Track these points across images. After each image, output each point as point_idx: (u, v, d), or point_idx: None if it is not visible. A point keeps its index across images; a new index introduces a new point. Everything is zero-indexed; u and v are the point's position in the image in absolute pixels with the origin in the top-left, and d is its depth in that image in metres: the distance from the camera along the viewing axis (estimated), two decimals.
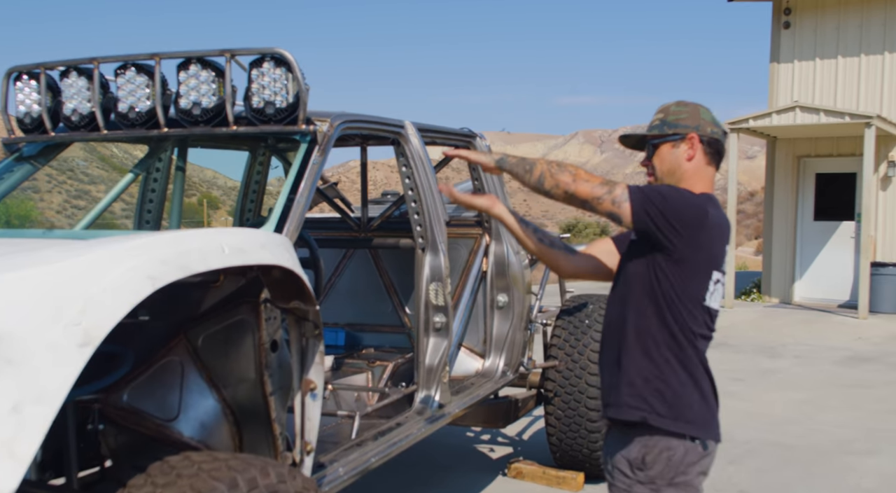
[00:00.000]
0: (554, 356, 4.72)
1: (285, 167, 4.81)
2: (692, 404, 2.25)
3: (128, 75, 3.10)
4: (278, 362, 2.61)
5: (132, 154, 49.73)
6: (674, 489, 2.24)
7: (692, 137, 2.34)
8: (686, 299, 2.24)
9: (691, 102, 2.42)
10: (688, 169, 2.34)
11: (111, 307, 1.69)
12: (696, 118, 2.37)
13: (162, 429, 2.56)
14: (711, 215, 2.24)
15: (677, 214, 2.19)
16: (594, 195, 2.22)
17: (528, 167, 2.34)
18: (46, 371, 1.57)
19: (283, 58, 2.96)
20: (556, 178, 2.26)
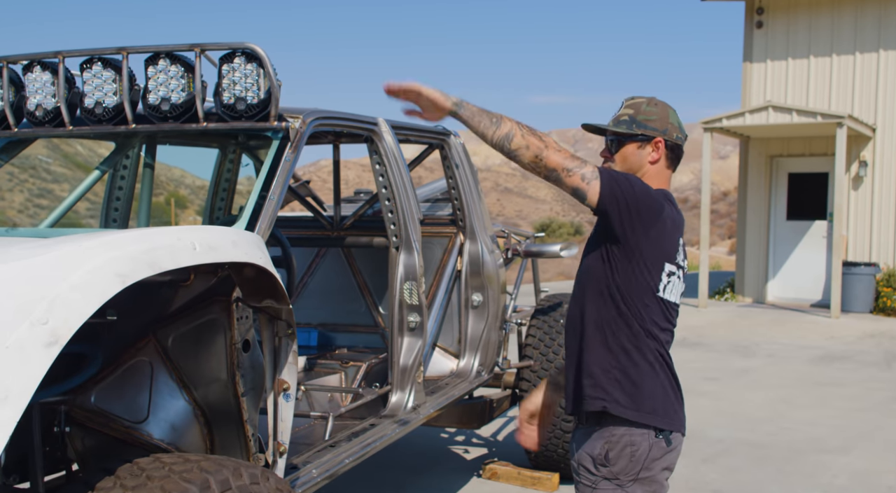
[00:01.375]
0: (529, 356, 4.70)
1: (256, 165, 4.75)
2: (653, 394, 2.25)
3: (94, 70, 3.02)
4: (250, 362, 2.56)
5: (97, 152, 49.13)
6: (638, 485, 2.23)
7: (659, 141, 2.37)
8: (639, 291, 2.25)
9: (661, 103, 2.42)
10: (649, 171, 2.38)
11: (79, 306, 1.64)
12: (665, 122, 2.38)
13: (131, 431, 2.50)
14: (666, 210, 2.27)
15: (638, 203, 2.20)
16: (564, 166, 2.17)
17: (494, 120, 2.20)
18: (11, 371, 1.51)
19: (254, 53, 2.90)
20: (528, 139, 2.16)
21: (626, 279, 2.24)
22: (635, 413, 2.23)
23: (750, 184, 13.05)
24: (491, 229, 4.56)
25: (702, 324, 10.94)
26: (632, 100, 2.43)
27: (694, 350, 9.36)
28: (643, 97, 2.44)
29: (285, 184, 2.88)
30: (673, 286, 2.31)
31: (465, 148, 4.50)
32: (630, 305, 2.25)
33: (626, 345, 2.26)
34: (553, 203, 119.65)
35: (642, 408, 2.23)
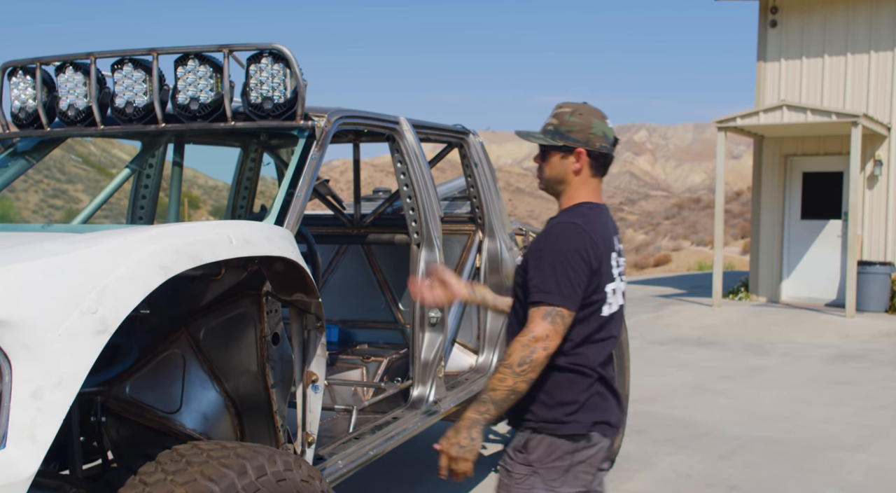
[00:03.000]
0: None
1: (277, 164, 4.83)
2: (574, 404, 2.30)
3: (125, 70, 3.10)
4: (280, 354, 2.63)
5: (110, 153, 49.43)
6: (547, 472, 2.30)
7: (580, 152, 2.37)
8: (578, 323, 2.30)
9: (588, 111, 2.42)
10: (573, 181, 2.40)
11: (126, 296, 1.71)
12: (587, 132, 2.38)
13: (164, 421, 2.57)
14: (589, 247, 2.28)
15: (580, 285, 2.25)
16: (535, 357, 2.17)
17: (502, 405, 2.23)
18: (64, 358, 1.58)
19: (281, 53, 2.98)
20: (515, 384, 2.19)
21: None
22: (549, 426, 2.31)
23: (764, 183, 13.05)
24: (509, 227, 4.62)
25: (716, 323, 10.96)
26: (560, 108, 2.44)
27: (708, 349, 9.38)
28: (571, 104, 2.44)
29: (312, 181, 2.95)
30: (616, 297, 2.38)
31: (484, 147, 4.55)
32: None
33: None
34: None
35: (558, 421, 2.30)
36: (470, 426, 2.22)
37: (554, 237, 2.28)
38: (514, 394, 2.19)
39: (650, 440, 5.66)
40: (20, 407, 1.54)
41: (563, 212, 2.39)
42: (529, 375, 2.18)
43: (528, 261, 2.33)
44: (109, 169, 47.20)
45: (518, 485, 2.31)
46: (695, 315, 11.60)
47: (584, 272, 2.24)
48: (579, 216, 2.33)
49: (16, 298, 1.58)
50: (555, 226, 2.32)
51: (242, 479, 1.84)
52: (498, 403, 2.20)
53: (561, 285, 2.20)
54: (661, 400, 6.83)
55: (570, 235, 2.27)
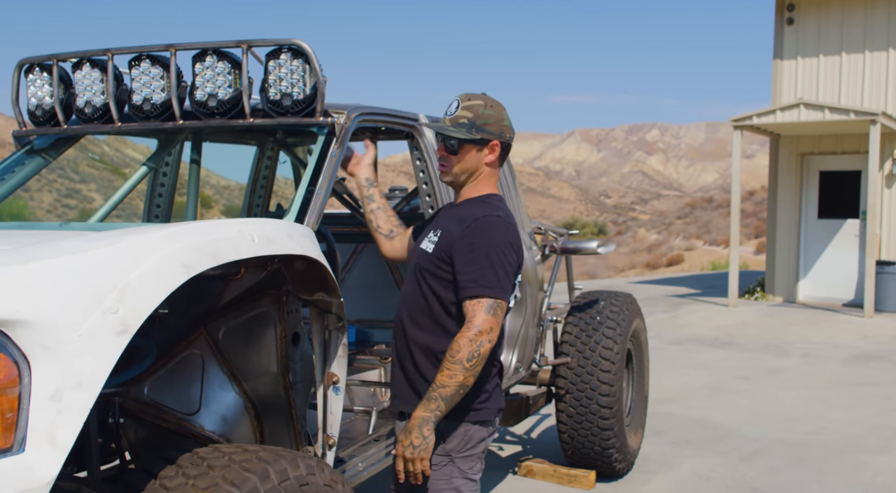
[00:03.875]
0: (565, 353, 4.69)
1: (293, 162, 4.78)
2: (485, 392, 2.44)
3: (142, 67, 3.06)
4: (300, 355, 2.59)
5: (123, 152, 49.62)
6: (463, 461, 2.42)
7: (496, 144, 2.47)
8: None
9: (496, 104, 2.51)
10: (484, 171, 2.50)
11: (147, 295, 1.66)
12: (500, 124, 2.48)
13: (183, 423, 2.53)
14: (516, 239, 2.42)
15: (513, 277, 2.40)
16: (479, 351, 2.27)
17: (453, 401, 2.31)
18: (84, 359, 1.54)
19: (300, 49, 2.93)
20: (465, 379, 2.27)
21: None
22: (471, 413, 2.42)
23: (780, 182, 12.93)
24: (529, 226, 4.56)
25: (732, 323, 10.86)
26: (468, 101, 2.48)
27: (725, 349, 9.29)
28: (478, 97, 2.49)
29: (332, 179, 2.90)
30: (518, 290, 2.61)
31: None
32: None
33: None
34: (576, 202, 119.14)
35: (470, 408, 2.41)
36: (421, 425, 2.27)
37: (483, 231, 2.35)
38: (464, 389, 2.27)
39: (669, 441, 5.59)
40: (39, 410, 1.50)
41: (473, 203, 2.47)
42: (477, 368, 2.26)
43: (450, 254, 2.39)
44: (122, 169, 47.43)
45: (436, 475, 2.38)
46: (711, 315, 11.51)
47: (515, 264, 2.38)
48: (497, 209, 2.44)
49: (35, 297, 1.54)
50: (480, 220, 2.38)
51: (265, 483, 1.80)
52: (448, 399, 2.26)
53: (500, 277, 2.31)
54: (679, 401, 6.75)
55: (500, 228, 2.37)
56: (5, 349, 1.49)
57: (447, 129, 2.46)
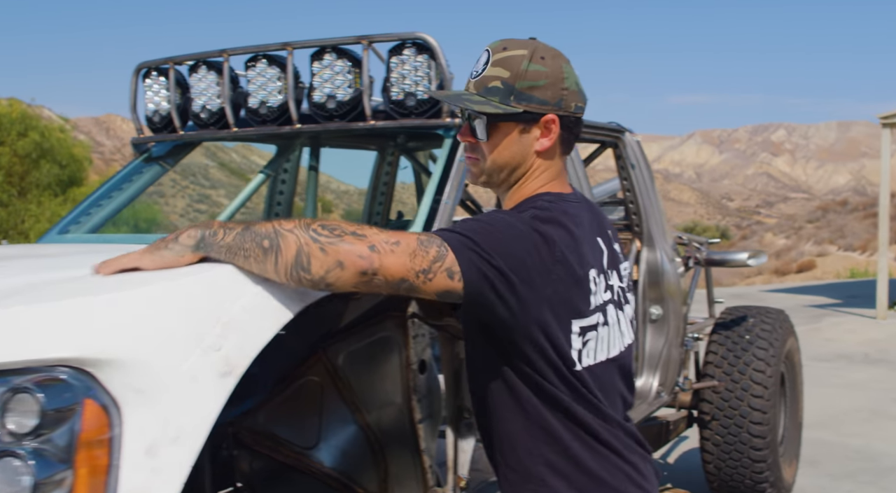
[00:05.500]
0: (711, 375, 4.25)
1: (415, 168, 4.55)
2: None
3: (258, 68, 2.87)
4: (427, 385, 2.30)
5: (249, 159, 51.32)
6: None
7: (550, 120, 1.57)
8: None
9: (551, 53, 1.59)
10: (536, 165, 1.61)
11: (254, 330, 1.41)
12: (558, 86, 1.56)
13: (300, 457, 2.29)
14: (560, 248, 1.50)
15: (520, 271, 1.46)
16: (415, 269, 1.40)
17: (264, 241, 1.40)
18: (184, 406, 1.29)
19: (425, 43, 2.66)
20: (336, 250, 1.37)
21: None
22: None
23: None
24: (670, 235, 4.15)
25: (884, 338, 9.97)
26: (503, 51, 1.57)
27: (878, 367, 8.49)
28: (519, 44, 1.58)
29: (460, 185, 2.61)
30: (593, 343, 1.59)
31: (641, 146, 4.11)
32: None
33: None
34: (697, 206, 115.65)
35: None
36: (196, 226, 1.47)
37: (491, 214, 1.59)
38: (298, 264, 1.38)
39: (825, 473, 5.03)
40: (132, 466, 1.26)
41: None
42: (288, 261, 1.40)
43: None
44: (249, 174, 49.18)
45: None
46: (857, 328, 10.62)
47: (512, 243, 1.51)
48: (532, 208, 1.57)
49: (126, 332, 1.30)
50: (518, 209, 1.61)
51: None
52: (250, 244, 1.41)
53: (465, 228, 1.51)
54: (831, 426, 6.13)
55: (518, 223, 1.53)
56: (93, 394, 1.26)
57: (469, 99, 1.58)
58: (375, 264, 1.37)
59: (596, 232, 1.65)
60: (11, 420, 1.22)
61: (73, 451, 1.23)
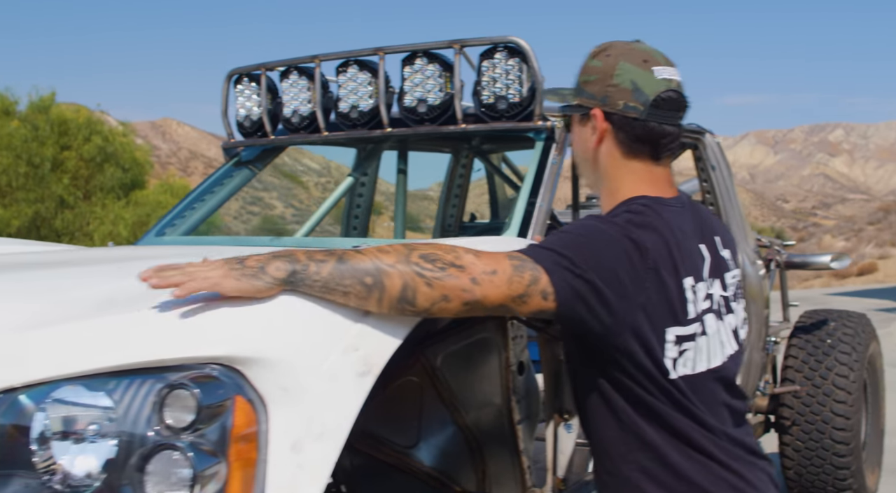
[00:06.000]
0: (791, 380, 4.19)
1: (488, 170, 4.57)
2: None
3: (349, 73, 2.92)
4: (526, 386, 2.32)
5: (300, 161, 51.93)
6: None
7: (594, 114, 1.62)
8: None
9: (620, 51, 1.62)
10: (601, 162, 1.65)
11: (390, 330, 1.44)
12: (606, 82, 1.60)
13: (400, 457, 2.32)
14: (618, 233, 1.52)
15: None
16: (512, 294, 1.43)
17: (370, 281, 1.37)
18: (326, 404, 1.34)
19: (518, 47, 2.68)
20: (438, 281, 1.39)
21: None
22: None
23: None
24: (752, 238, 4.10)
25: None
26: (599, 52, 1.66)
27: None
28: (605, 45, 1.66)
29: (554, 189, 2.62)
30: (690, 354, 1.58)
31: (721, 147, 4.07)
32: None
33: None
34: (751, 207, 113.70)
35: None
36: (280, 257, 1.37)
37: (580, 222, 1.62)
38: (404, 297, 1.39)
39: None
40: (279, 461, 1.30)
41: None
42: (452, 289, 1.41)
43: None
44: (300, 177, 49.74)
45: None
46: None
47: (603, 250, 1.55)
48: (614, 215, 1.60)
49: (271, 332, 1.35)
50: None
51: None
52: (326, 277, 1.35)
53: (554, 242, 1.54)
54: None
55: (607, 228, 1.55)
56: (243, 392, 1.30)
57: (550, 100, 1.79)
58: (478, 295, 1.41)
59: (698, 238, 1.63)
60: (169, 415, 1.27)
61: (226, 445, 1.28)
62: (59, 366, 1.32)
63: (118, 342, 1.33)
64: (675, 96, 1.61)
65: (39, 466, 1.31)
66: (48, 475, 1.30)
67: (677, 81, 1.63)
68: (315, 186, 51.58)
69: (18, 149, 16.89)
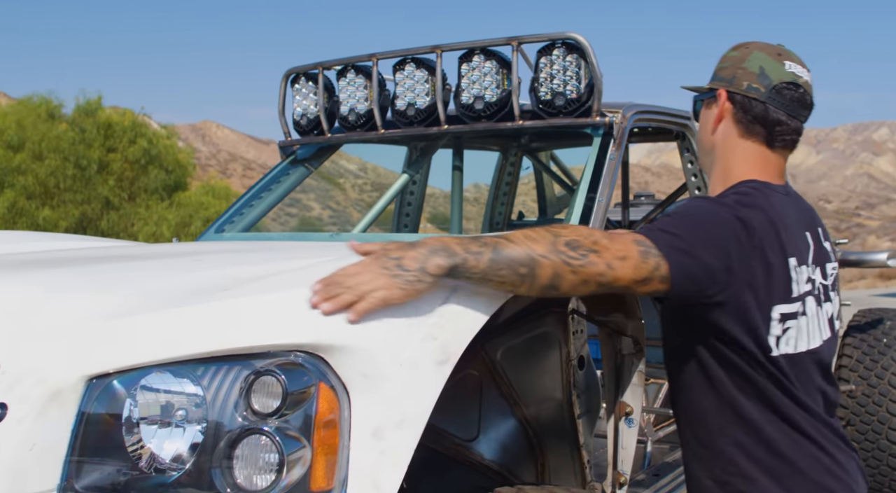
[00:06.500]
0: (845, 379, 4.13)
1: (536, 167, 4.57)
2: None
3: (406, 71, 2.95)
4: (586, 381, 2.33)
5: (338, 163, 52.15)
6: None
7: (719, 95, 1.73)
8: None
9: (757, 46, 1.74)
10: (717, 143, 1.74)
11: (467, 319, 1.46)
12: (736, 67, 1.71)
13: (461, 450, 2.34)
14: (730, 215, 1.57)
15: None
16: (639, 278, 1.49)
17: (525, 271, 1.43)
18: (406, 391, 1.36)
19: (576, 43, 2.69)
20: (582, 273, 1.45)
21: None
22: None
23: None
24: None
25: None
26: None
27: None
28: (755, 41, 1.77)
29: (612, 184, 2.63)
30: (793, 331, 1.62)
31: None
32: None
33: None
34: None
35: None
36: (436, 252, 1.38)
37: (692, 202, 1.69)
38: (520, 266, 1.42)
39: None
40: (361, 448, 1.33)
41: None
42: (562, 266, 1.45)
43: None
44: (338, 178, 49.99)
45: None
46: None
47: (718, 233, 1.61)
48: (725, 195, 1.67)
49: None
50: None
51: None
52: (494, 259, 1.40)
53: (669, 224, 1.60)
54: None
55: (719, 209, 1.62)
56: (326, 378, 1.33)
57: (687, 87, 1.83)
58: (609, 279, 1.47)
59: (804, 226, 1.70)
60: (256, 401, 1.31)
61: (310, 431, 1.30)
62: (148, 353, 1.36)
63: (205, 330, 1.36)
64: (800, 92, 1.69)
65: (129, 450, 1.35)
66: (138, 459, 1.34)
67: (806, 81, 1.72)
68: (352, 188, 51.88)
69: (66, 151, 17.25)
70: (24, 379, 1.36)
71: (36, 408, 1.33)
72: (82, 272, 1.83)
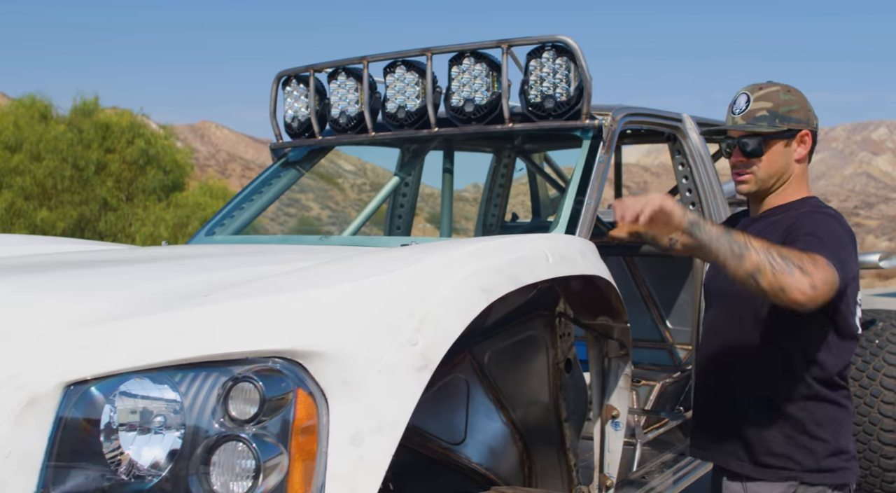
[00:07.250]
0: None
1: (529, 169, 4.58)
2: (841, 450, 2.10)
3: (397, 73, 2.95)
4: (573, 383, 2.33)
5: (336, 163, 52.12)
6: None
7: (806, 134, 2.09)
8: None
9: (794, 88, 2.12)
10: (795, 171, 2.11)
11: (447, 325, 1.46)
12: (807, 110, 2.11)
13: (448, 453, 2.34)
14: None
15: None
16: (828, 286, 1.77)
17: (735, 250, 1.76)
18: (385, 397, 1.36)
19: (566, 46, 2.68)
20: (779, 278, 1.72)
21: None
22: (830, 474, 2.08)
23: None
24: None
25: None
26: (760, 90, 2.10)
27: None
28: (771, 84, 2.12)
29: (601, 187, 2.63)
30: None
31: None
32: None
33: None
34: None
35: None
36: (699, 222, 1.81)
37: (818, 222, 1.96)
38: (752, 277, 1.74)
39: None
40: (339, 454, 1.33)
41: (786, 211, 2.08)
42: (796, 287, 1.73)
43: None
44: (336, 179, 49.98)
45: None
46: None
47: (852, 268, 1.97)
48: (824, 208, 2.07)
49: (332, 326, 1.38)
50: (812, 215, 2.00)
51: None
52: (726, 246, 1.76)
53: (838, 252, 1.87)
54: None
55: (838, 223, 1.99)
56: (304, 385, 1.33)
57: (747, 126, 2.07)
58: (806, 298, 1.73)
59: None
60: (234, 407, 1.31)
61: (288, 437, 1.30)
62: (126, 359, 1.36)
63: (184, 336, 1.36)
64: None
65: (108, 456, 1.34)
66: (116, 466, 1.34)
67: None
68: (351, 188, 51.76)
69: (64, 152, 17.23)
70: (1, 386, 1.36)
71: (13, 415, 1.33)
72: (62, 277, 1.83)
